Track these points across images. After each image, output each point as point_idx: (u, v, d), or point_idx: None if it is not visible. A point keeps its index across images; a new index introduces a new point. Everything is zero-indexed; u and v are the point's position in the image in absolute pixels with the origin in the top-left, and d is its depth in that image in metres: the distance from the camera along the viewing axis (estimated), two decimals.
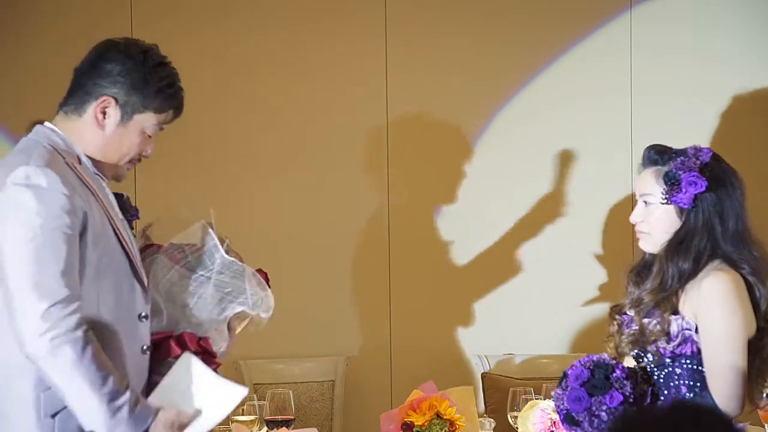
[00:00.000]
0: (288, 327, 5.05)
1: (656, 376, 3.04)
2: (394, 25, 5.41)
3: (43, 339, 2.70)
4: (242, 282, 3.06)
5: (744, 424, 3.27)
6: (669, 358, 3.01)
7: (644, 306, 3.06)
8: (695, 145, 3.11)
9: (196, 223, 3.11)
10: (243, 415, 3.76)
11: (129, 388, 2.77)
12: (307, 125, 5.38)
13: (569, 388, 2.97)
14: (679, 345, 3.00)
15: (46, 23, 5.19)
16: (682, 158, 3.07)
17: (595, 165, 5.48)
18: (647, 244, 3.13)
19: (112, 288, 2.86)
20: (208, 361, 2.98)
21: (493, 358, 5.20)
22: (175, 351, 2.96)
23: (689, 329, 3.00)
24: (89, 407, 2.73)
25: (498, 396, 4.73)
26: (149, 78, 2.93)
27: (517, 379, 4.94)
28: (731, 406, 2.96)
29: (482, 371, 5.14)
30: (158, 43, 3.03)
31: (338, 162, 5.38)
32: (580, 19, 5.47)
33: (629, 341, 3.06)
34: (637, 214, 3.14)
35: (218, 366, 3.04)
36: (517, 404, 3.79)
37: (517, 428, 3.73)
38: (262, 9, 5.36)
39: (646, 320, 3.04)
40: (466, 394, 3.78)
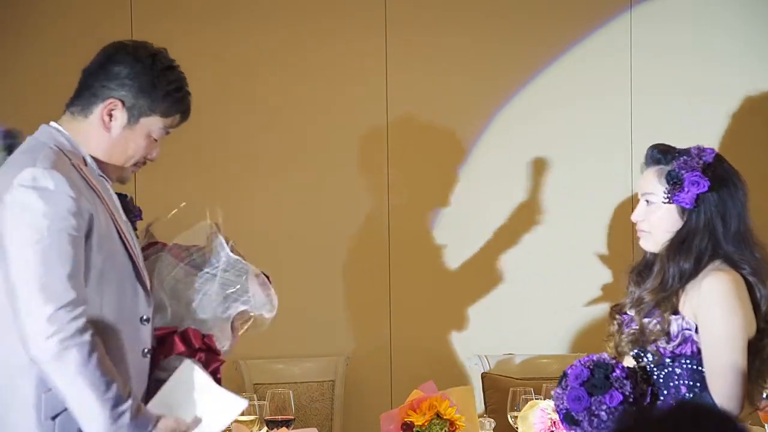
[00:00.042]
0: (288, 327, 5.04)
1: (656, 376, 3.04)
2: (394, 25, 5.41)
3: (49, 342, 2.69)
4: (246, 281, 3.06)
5: (744, 424, 3.27)
6: (669, 358, 3.01)
7: (645, 305, 3.05)
8: (699, 145, 3.10)
9: (202, 222, 3.10)
10: (243, 415, 3.75)
11: (131, 395, 2.77)
12: (307, 125, 5.38)
13: (569, 388, 2.96)
14: (679, 345, 3.00)
15: (46, 23, 5.19)
16: (686, 158, 3.06)
17: (595, 165, 5.48)
18: (648, 243, 3.13)
19: (115, 291, 2.85)
20: (211, 359, 2.98)
21: (493, 358, 5.20)
22: (178, 347, 2.96)
23: (689, 329, 3.00)
24: (91, 412, 2.72)
25: (498, 396, 4.73)
26: (157, 82, 2.92)
27: (517, 379, 4.94)
28: (731, 406, 2.96)
29: (482, 371, 5.14)
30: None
31: (338, 162, 5.38)
32: (580, 19, 5.47)
33: (629, 341, 3.06)
34: (639, 213, 3.13)
35: (222, 363, 3.04)
36: (517, 404, 3.79)
37: (517, 428, 3.72)
38: (262, 9, 5.36)
39: (646, 320, 3.04)
40: (466, 394, 3.78)
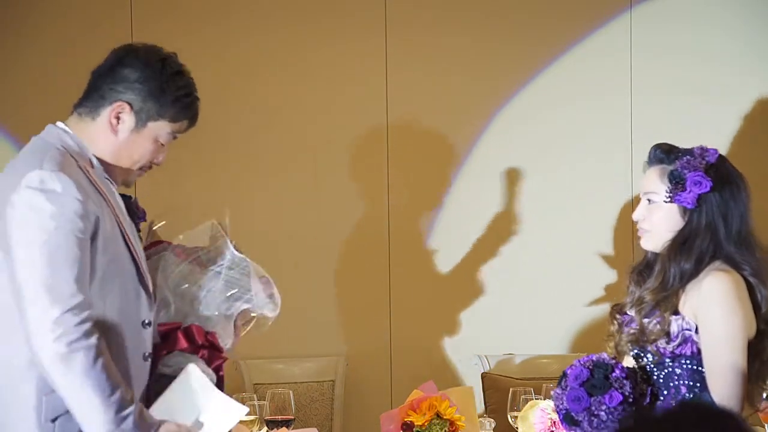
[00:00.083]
0: (288, 327, 5.02)
1: (656, 376, 3.03)
2: (394, 25, 5.41)
3: (57, 344, 2.68)
4: (249, 280, 3.06)
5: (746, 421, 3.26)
6: (669, 358, 3.01)
7: (645, 305, 3.05)
8: (702, 145, 3.09)
9: (206, 222, 3.10)
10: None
11: (134, 400, 2.76)
12: (307, 125, 5.38)
13: (569, 388, 2.96)
14: (679, 345, 2.99)
15: (46, 23, 5.19)
16: (688, 158, 3.05)
17: (595, 165, 5.48)
18: (648, 242, 3.12)
19: (118, 294, 2.85)
20: (214, 356, 2.98)
21: (493, 358, 5.20)
22: (182, 343, 2.95)
23: (689, 329, 2.99)
24: (95, 415, 2.71)
25: (498, 396, 4.73)
26: (166, 87, 2.92)
27: (517, 379, 4.94)
28: (730, 407, 2.95)
29: (482, 371, 5.13)
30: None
31: (338, 162, 5.38)
32: (580, 19, 5.47)
33: (629, 340, 3.05)
34: (640, 212, 3.12)
35: (224, 361, 3.04)
36: (517, 404, 3.79)
37: (517, 428, 3.72)
38: (262, 9, 5.36)
39: (646, 320, 3.03)
40: (466, 394, 3.78)
